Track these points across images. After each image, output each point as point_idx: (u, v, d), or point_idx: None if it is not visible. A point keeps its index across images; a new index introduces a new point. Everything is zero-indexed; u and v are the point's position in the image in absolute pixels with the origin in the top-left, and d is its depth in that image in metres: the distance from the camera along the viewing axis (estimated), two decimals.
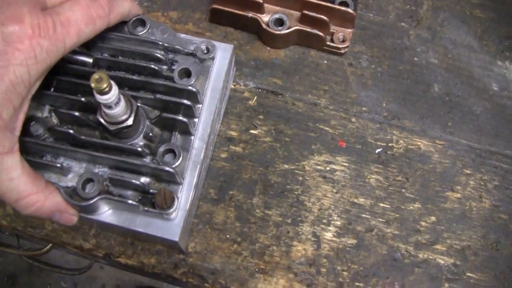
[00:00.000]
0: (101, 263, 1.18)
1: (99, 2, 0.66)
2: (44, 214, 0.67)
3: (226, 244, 0.81)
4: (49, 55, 0.60)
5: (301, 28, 0.87)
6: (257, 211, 0.82)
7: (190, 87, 0.75)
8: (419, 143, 0.86)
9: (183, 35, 0.81)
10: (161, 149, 0.74)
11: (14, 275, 1.97)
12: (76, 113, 0.75)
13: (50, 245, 0.91)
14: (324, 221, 0.82)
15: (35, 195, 0.65)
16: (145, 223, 0.74)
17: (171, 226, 0.74)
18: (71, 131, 0.74)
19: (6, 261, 1.96)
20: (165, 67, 0.79)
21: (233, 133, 0.86)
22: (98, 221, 0.75)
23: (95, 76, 0.63)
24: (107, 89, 0.64)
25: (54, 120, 0.77)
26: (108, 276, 1.97)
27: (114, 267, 1.23)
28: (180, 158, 0.74)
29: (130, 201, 0.72)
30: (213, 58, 0.79)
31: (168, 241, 0.75)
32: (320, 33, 0.87)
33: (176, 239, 0.74)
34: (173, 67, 0.78)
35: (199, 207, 0.82)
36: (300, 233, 0.81)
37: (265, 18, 0.88)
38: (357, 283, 0.80)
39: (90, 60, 0.77)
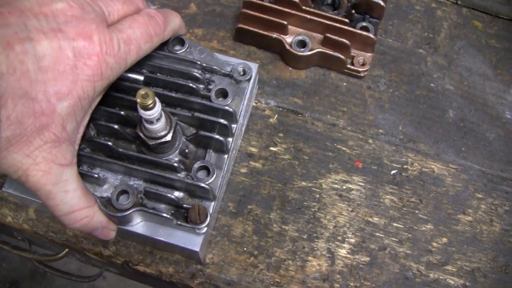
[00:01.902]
0: (111, 272, 1.20)
1: (156, 19, 0.68)
2: (88, 229, 0.68)
3: (243, 257, 0.83)
4: (112, 72, 0.62)
5: (323, 50, 0.90)
6: (274, 225, 0.84)
7: (227, 107, 0.78)
8: (433, 166, 0.89)
9: (220, 56, 0.84)
10: (196, 165, 0.77)
11: (16, 281, 1.97)
12: (115, 126, 0.78)
13: (66, 250, 0.93)
14: (339, 238, 0.84)
15: (85, 209, 0.66)
16: (168, 233, 0.77)
17: (193, 236, 0.76)
18: (109, 143, 0.76)
19: (9, 267, 1.97)
20: (202, 86, 0.81)
21: (254, 149, 0.89)
22: (127, 230, 0.77)
23: (141, 92, 0.65)
24: (151, 105, 0.67)
25: (92, 131, 0.80)
26: (110, 286, 1.98)
27: (126, 277, 1.25)
28: (214, 176, 0.77)
29: (164, 214, 0.74)
30: (249, 80, 0.82)
31: (188, 251, 0.77)
32: (341, 56, 0.90)
33: (197, 249, 0.76)
34: (210, 87, 0.81)
35: (218, 220, 0.84)
36: (316, 248, 0.84)
37: (288, 39, 0.91)
38: None
39: (142, 78, 0.79)
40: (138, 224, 0.77)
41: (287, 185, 0.87)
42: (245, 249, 0.83)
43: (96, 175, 0.75)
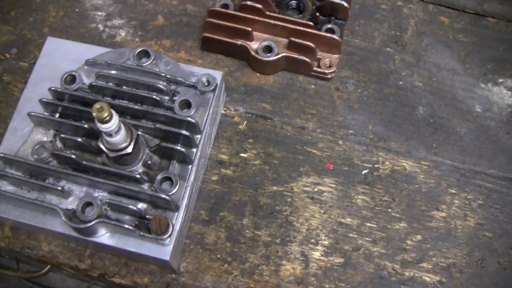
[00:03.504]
0: (99, 285, 1.20)
1: None
2: None
3: (217, 264, 0.83)
4: None
5: (288, 54, 0.91)
6: (247, 231, 0.85)
7: (189, 118, 0.79)
8: (405, 164, 0.89)
9: (186, 67, 0.84)
10: (159, 177, 0.77)
11: None
12: (79, 139, 0.79)
13: (48, 266, 0.93)
14: (312, 240, 0.84)
15: None
16: (138, 244, 0.77)
17: (163, 246, 0.77)
18: (73, 156, 0.77)
19: (6, 286, 1.97)
20: (166, 97, 0.82)
21: (224, 157, 0.89)
22: (94, 242, 0.78)
23: (97, 105, 0.66)
24: (107, 118, 0.67)
25: (59, 144, 0.81)
26: None
27: None
28: (177, 186, 0.77)
29: (126, 226, 0.75)
30: (213, 91, 0.83)
31: (159, 261, 0.78)
32: (307, 59, 0.91)
33: (167, 258, 0.76)
34: (175, 98, 0.82)
35: (191, 228, 0.85)
36: (289, 252, 0.84)
37: (254, 45, 0.92)
38: None
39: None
40: (105, 236, 0.77)
41: (258, 191, 0.87)
42: (218, 256, 0.83)
43: (61, 188, 0.76)
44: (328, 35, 0.90)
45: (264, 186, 0.87)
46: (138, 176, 0.76)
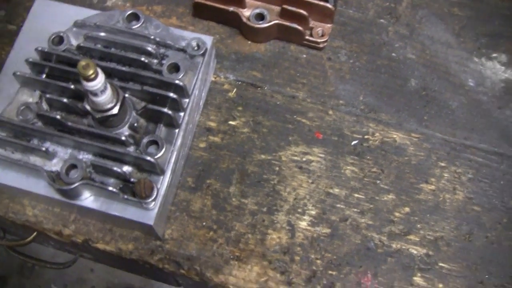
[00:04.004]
0: (85, 258, 1.19)
1: None
2: None
3: (202, 232, 0.82)
4: None
5: (281, 22, 0.89)
6: (234, 199, 0.84)
7: (177, 81, 0.78)
8: (395, 136, 0.88)
9: (176, 31, 0.83)
10: (145, 140, 0.76)
11: (4, 277, 1.98)
12: (65, 100, 0.77)
13: (34, 234, 0.92)
14: (299, 210, 0.83)
15: None
16: (122, 208, 0.76)
17: (147, 211, 0.76)
18: (58, 117, 0.76)
19: None
20: (155, 61, 0.81)
21: (212, 124, 0.88)
22: (78, 205, 0.77)
23: (82, 62, 0.65)
24: (93, 75, 0.66)
25: (44, 106, 0.80)
26: (98, 279, 1.97)
27: (103, 263, 1.24)
28: (163, 150, 0.76)
29: (110, 188, 0.74)
30: (203, 55, 0.81)
31: (143, 226, 0.77)
32: (300, 28, 0.89)
33: (151, 223, 0.75)
34: (163, 62, 0.81)
35: (177, 195, 0.84)
36: (275, 221, 0.83)
37: (246, 12, 0.90)
38: (330, 272, 0.81)
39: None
40: (89, 199, 0.76)
41: (246, 159, 0.86)
42: (204, 223, 0.82)
43: (45, 149, 0.75)
44: (321, 3, 0.88)
45: (252, 155, 0.86)
46: (123, 138, 0.75)
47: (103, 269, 1.96)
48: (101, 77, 0.68)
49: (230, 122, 0.88)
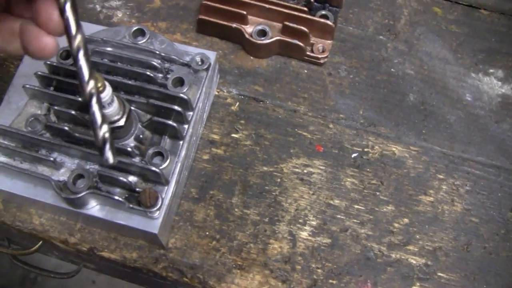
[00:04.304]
0: (88, 268, 1.21)
1: None
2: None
3: (205, 241, 0.84)
4: None
5: (282, 38, 0.92)
6: (236, 210, 0.86)
7: (182, 95, 0.80)
8: (394, 149, 0.90)
9: (180, 46, 0.86)
10: (150, 151, 0.79)
11: (6, 287, 1.99)
12: (73, 112, 0.80)
13: (40, 243, 0.94)
14: (300, 220, 0.85)
15: None
16: (127, 217, 0.78)
17: (151, 220, 0.78)
18: (66, 128, 0.78)
19: None
20: (160, 75, 0.84)
21: (215, 136, 0.90)
22: (84, 214, 0.79)
23: None
24: (101, 88, 0.68)
25: (52, 117, 0.82)
26: None
27: (105, 273, 1.25)
28: (168, 161, 0.79)
29: (116, 197, 0.76)
30: (207, 70, 0.84)
31: (148, 234, 0.79)
32: (301, 44, 0.92)
33: (156, 231, 0.77)
34: (168, 76, 0.84)
35: (181, 205, 0.86)
36: (277, 231, 0.84)
37: (248, 29, 0.93)
38: (330, 281, 0.82)
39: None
40: (95, 208, 0.78)
41: (248, 170, 0.88)
42: (207, 233, 0.84)
43: (53, 159, 0.77)
44: (322, 20, 0.91)
45: (254, 166, 0.88)
46: (129, 149, 0.77)
47: (105, 281, 1.96)
48: (108, 90, 0.70)
49: (233, 135, 0.90)
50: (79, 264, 1.15)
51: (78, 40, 0.51)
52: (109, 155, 0.53)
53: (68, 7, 0.50)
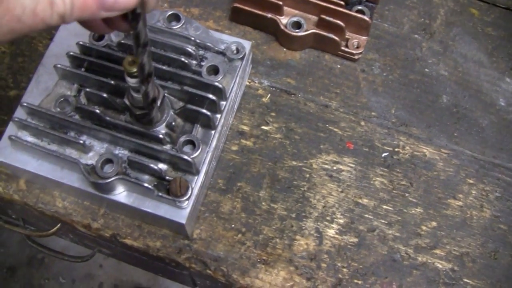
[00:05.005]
0: (103, 253, 1.20)
1: None
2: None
3: (230, 233, 0.83)
4: None
5: (317, 31, 0.90)
6: (263, 203, 0.84)
7: (216, 83, 0.79)
8: (425, 150, 0.89)
9: (215, 34, 0.84)
10: (182, 139, 0.77)
11: (13, 267, 1.98)
12: (104, 94, 0.78)
13: (59, 225, 0.93)
14: (328, 218, 0.84)
15: None
16: (155, 205, 0.77)
17: (179, 209, 0.76)
18: (97, 111, 0.77)
19: (6, 253, 1.97)
20: (194, 62, 0.82)
21: (245, 128, 0.89)
22: (110, 199, 0.78)
23: (129, 58, 0.66)
24: (137, 72, 0.67)
25: (82, 99, 0.81)
26: (106, 275, 1.98)
27: (119, 259, 1.24)
28: (199, 150, 0.77)
29: (146, 184, 0.75)
30: (242, 59, 0.82)
31: (175, 224, 0.77)
32: (336, 38, 0.90)
33: (183, 221, 0.76)
34: (202, 63, 0.82)
35: (207, 196, 0.84)
36: (304, 228, 0.83)
37: (283, 20, 0.91)
38: (356, 281, 0.81)
39: None
40: (122, 194, 0.77)
41: (277, 164, 0.86)
42: (233, 226, 0.83)
43: (82, 142, 0.75)
44: (359, 15, 0.90)
45: (284, 160, 0.87)
46: (160, 136, 0.76)
47: (112, 266, 1.96)
48: None
49: (263, 127, 0.89)
50: (94, 249, 1.14)
51: None
52: None
53: None
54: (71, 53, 0.81)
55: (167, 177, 0.76)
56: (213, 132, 0.79)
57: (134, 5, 0.53)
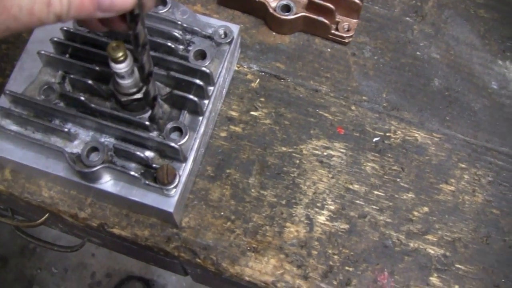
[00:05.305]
0: (93, 242, 1.19)
1: None
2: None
3: (219, 221, 0.81)
4: None
5: (307, 15, 0.89)
6: (253, 190, 0.83)
7: (204, 68, 0.77)
8: (417, 135, 0.87)
9: (203, 18, 0.82)
10: (169, 126, 0.76)
11: (5, 258, 1.97)
12: (89, 81, 0.76)
13: (47, 215, 0.91)
14: (318, 204, 0.83)
15: None
16: (142, 193, 0.75)
17: (167, 198, 0.75)
18: (82, 98, 0.75)
19: None
20: (181, 47, 0.80)
21: (234, 113, 0.87)
22: (97, 188, 0.76)
23: (113, 43, 0.64)
24: (122, 58, 0.65)
25: (67, 86, 0.79)
26: (99, 265, 1.97)
27: (110, 249, 1.23)
28: (186, 137, 0.76)
29: (132, 173, 0.73)
30: (230, 43, 0.81)
31: (162, 212, 0.76)
32: (326, 21, 0.89)
33: (171, 210, 0.74)
34: (189, 48, 0.80)
35: (195, 183, 0.83)
36: (294, 215, 0.82)
37: (272, 3, 0.90)
38: (347, 267, 0.80)
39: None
40: (108, 183, 0.76)
41: (267, 150, 0.85)
42: (222, 213, 0.82)
43: (67, 130, 0.74)
44: None
45: (273, 146, 0.85)
46: (147, 123, 0.74)
47: (104, 255, 1.95)
48: (129, 60, 0.67)
49: (252, 113, 0.87)
50: (83, 238, 1.12)
51: None
52: None
53: None
54: (55, 38, 0.79)
55: (154, 165, 0.75)
56: (200, 118, 0.78)
57: (130, 6, 0.53)
